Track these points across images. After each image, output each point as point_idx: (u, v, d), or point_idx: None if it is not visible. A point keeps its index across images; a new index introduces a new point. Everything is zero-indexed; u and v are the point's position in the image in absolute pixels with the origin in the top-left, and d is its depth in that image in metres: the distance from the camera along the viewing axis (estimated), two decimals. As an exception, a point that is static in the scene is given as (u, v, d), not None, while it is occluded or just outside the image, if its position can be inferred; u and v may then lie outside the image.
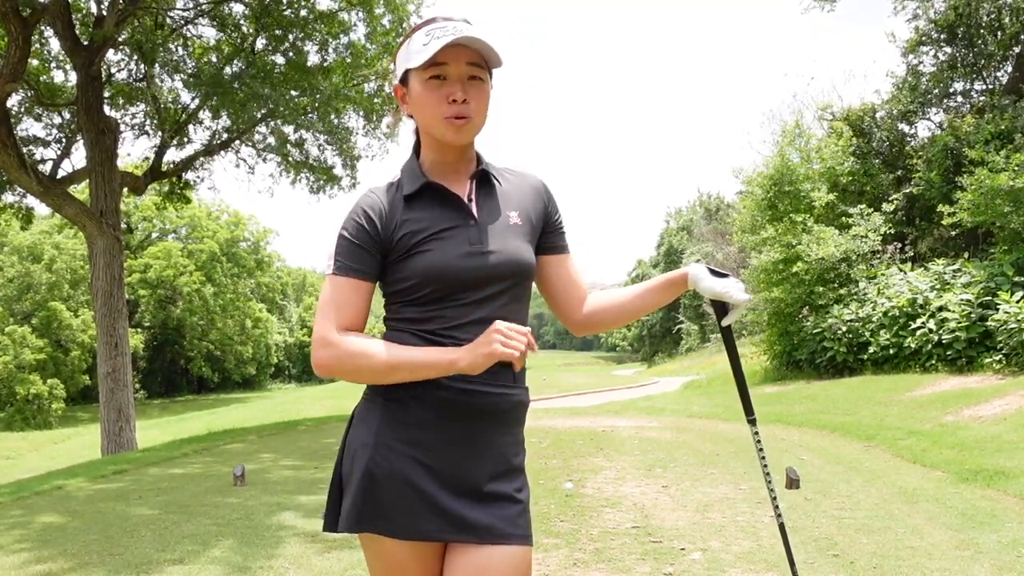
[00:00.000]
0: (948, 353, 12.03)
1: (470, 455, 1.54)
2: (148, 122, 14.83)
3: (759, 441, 1.90)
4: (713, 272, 1.71)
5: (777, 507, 1.92)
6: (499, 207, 1.61)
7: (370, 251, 1.53)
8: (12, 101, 13.09)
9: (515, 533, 1.54)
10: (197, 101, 14.28)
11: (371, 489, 1.51)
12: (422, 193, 1.56)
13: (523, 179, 1.70)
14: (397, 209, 1.55)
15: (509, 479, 1.58)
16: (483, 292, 1.53)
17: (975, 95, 16.73)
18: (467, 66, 1.51)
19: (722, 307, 1.75)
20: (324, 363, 1.50)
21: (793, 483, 5.55)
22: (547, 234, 1.70)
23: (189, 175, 15.71)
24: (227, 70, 13.97)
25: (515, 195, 1.65)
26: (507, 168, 1.70)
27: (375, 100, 14.75)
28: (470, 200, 1.59)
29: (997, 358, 11.10)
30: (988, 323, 11.43)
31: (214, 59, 14.44)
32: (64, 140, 14.72)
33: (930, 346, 12.32)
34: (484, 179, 1.62)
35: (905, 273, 13.87)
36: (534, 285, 1.71)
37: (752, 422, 1.90)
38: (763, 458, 1.89)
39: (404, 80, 1.58)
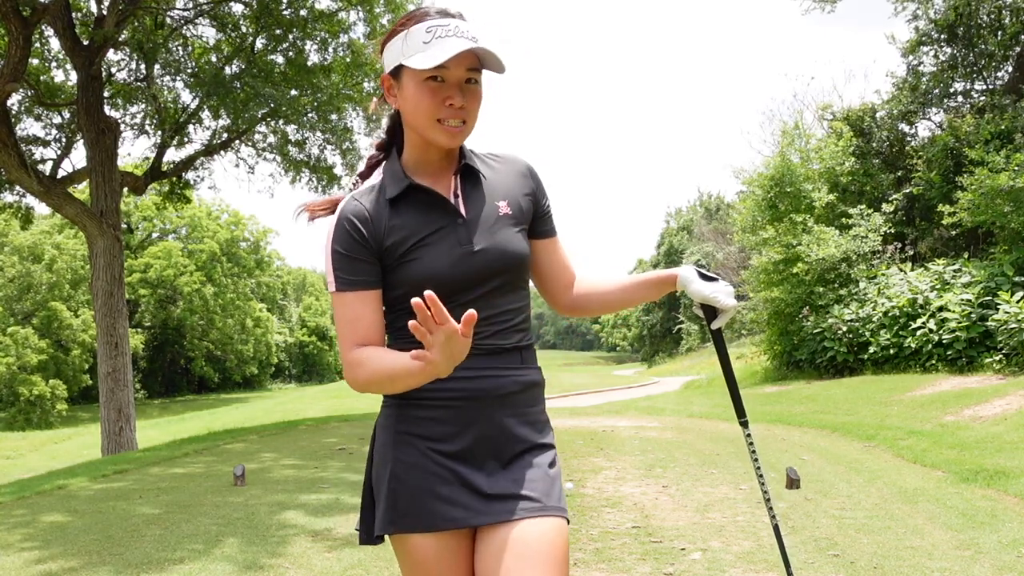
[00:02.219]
0: (948, 353, 12.04)
1: (490, 437, 1.53)
2: (148, 122, 14.83)
3: (751, 443, 1.91)
4: (703, 276, 1.71)
5: (771, 509, 1.93)
6: (486, 199, 1.57)
7: (366, 259, 1.49)
8: (12, 101, 13.10)
9: (550, 505, 1.52)
10: (197, 101, 14.29)
11: (398, 489, 1.51)
12: (406, 195, 1.53)
13: (509, 164, 1.66)
14: (383, 214, 1.51)
15: (535, 454, 1.58)
16: (479, 291, 1.52)
17: (975, 95, 16.75)
18: (465, 71, 1.47)
19: (711, 311, 1.75)
20: (353, 383, 1.49)
21: (793, 483, 5.55)
22: (536, 219, 1.66)
23: (189, 175, 15.72)
24: (227, 70, 13.98)
25: (502, 184, 1.62)
26: (490, 154, 1.66)
27: (374, 99, 14.73)
28: (456, 196, 1.55)
29: (997, 358, 11.11)
30: (988, 323, 11.44)
31: (214, 59, 14.45)
32: (64, 140, 14.73)
33: (930, 346, 12.33)
34: (468, 172, 1.58)
35: (905, 273, 13.88)
36: None
37: (744, 424, 1.90)
38: (756, 460, 1.90)
39: (394, 73, 1.52)
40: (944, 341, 12.13)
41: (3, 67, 11.09)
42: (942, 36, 16.45)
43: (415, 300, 1.23)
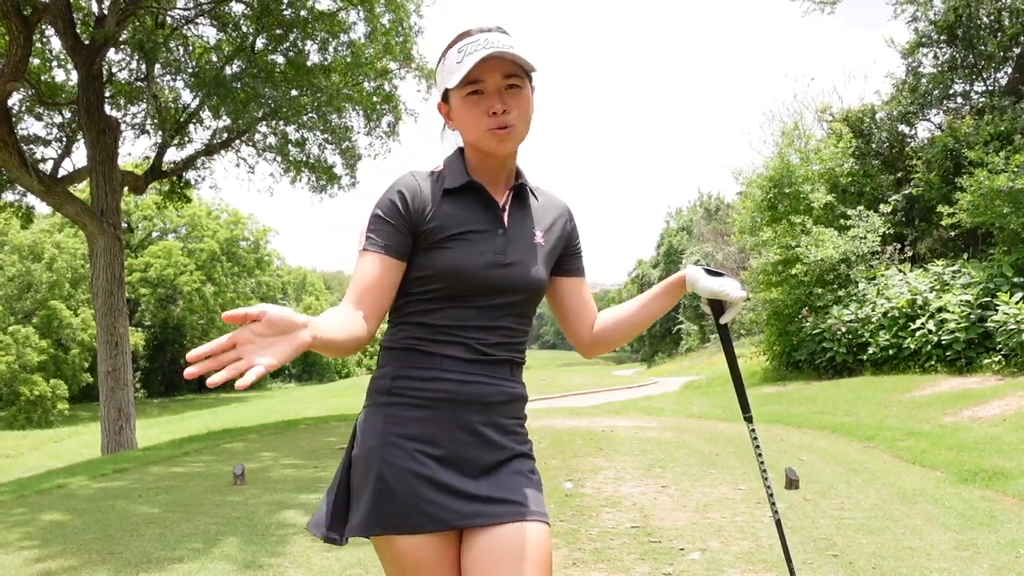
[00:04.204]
0: (947, 354, 12.04)
1: (476, 442, 1.56)
2: (149, 121, 14.84)
3: (755, 438, 1.92)
4: (709, 272, 1.75)
5: (774, 504, 1.94)
6: (529, 223, 1.65)
7: (400, 230, 1.54)
8: (13, 100, 13.10)
9: (535, 510, 1.55)
10: (198, 100, 14.30)
11: (383, 491, 1.52)
12: (463, 191, 1.59)
13: (551, 200, 1.74)
14: (434, 198, 1.57)
15: (520, 461, 1.61)
16: (493, 300, 1.57)
17: (975, 96, 16.74)
18: (503, 77, 1.53)
19: (719, 306, 1.78)
20: None
21: (792, 483, 5.56)
22: (566, 257, 1.74)
23: (190, 174, 15.73)
24: (227, 70, 13.99)
25: (543, 216, 1.69)
26: (538, 188, 1.74)
27: (375, 99, 14.77)
28: (503, 210, 1.62)
29: (996, 359, 11.10)
30: (987, 324, 11.44)
31: (214, 59, 14.46)
32: (65, 139, 14.73)
33: (929, 347, 12.33)
34: (520, 192, 1.66)
35: (904, 274, 13.87)
36: (546, 305, 1.78)
37: (748, 419, 1.92)
38: (759, 455, 1.91)
39: (445, 98, 1.61)
40: (943, 342, 12.13)
41: (4, 66, 11.09)
42: (942, 37, 16.44)
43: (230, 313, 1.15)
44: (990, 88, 16.39)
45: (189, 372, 1.11)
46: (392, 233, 1.54)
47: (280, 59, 14.10)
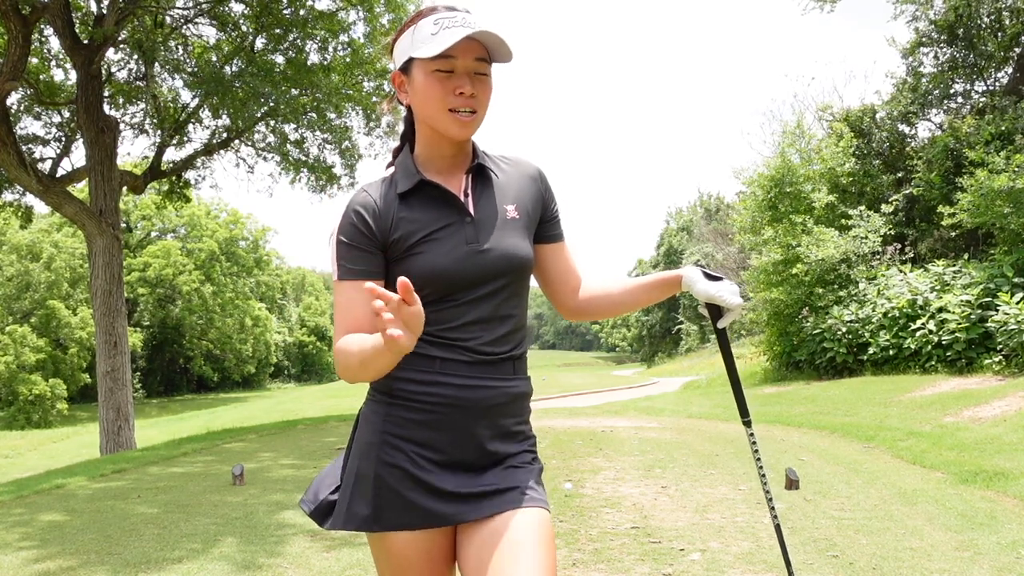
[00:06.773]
0: (948, 354, 12.03)
1: (476, 447, 1.54)
2: (148, 121, 14.83)
3: (754, 443, 1.90)
4: (708, 275, 1.70)
5: (773, 508, 1.92)
6: (496, 201, 1.58)
7: (369, 250, 1.51)
8: (12, 99, 13.10)
9: (533, 497, 1.53)
10: (197, 100, 14.29)
11: (379, 489, 1.51)
12: (417, 190, 1.54)
13: (519, 168, 1.67)
14: (392, 207, 1.52)
15: (518, 457, 1.59)
16: (480, 291, 1.52)
17: (975, 96, 16.74)
18: (474, 61, 1.48)
19: (717, 310, 1.74)
20: (338, 371, 1.49)
21: (793, 484, 5.55)
22: (543, 223, 1.68)
23: (189, 174, 15.72)
24: (227, 69, 13.98)
25: (512, 187, 1.62)
26: (502, 156, 1.67)
27: (374, 99, 14.76)
28: (466, 195, 1.56)
29: (997, 359, 11.10)
30: (988, 324, 11.43)
31: (214, 58, 14.45)
32: (64, 139, 14.72)
33: (930, 347, 12.32)
34: (480, 172, 1.59)
35: (905, 274, 13.86)
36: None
37: (747, 424, 1.89)
38: (758, 460, 1.89)
39: (404, 68, 1.54)
40: (944, 342, 12.12)
41: (3, 65, 11.08)
42: (942, 37, 16.43)
43: (402, 280, 1.23)
44: (991, 88, 16.39)
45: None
46: (362, 256, 1.50)
47: (280, 58, 14.09)
